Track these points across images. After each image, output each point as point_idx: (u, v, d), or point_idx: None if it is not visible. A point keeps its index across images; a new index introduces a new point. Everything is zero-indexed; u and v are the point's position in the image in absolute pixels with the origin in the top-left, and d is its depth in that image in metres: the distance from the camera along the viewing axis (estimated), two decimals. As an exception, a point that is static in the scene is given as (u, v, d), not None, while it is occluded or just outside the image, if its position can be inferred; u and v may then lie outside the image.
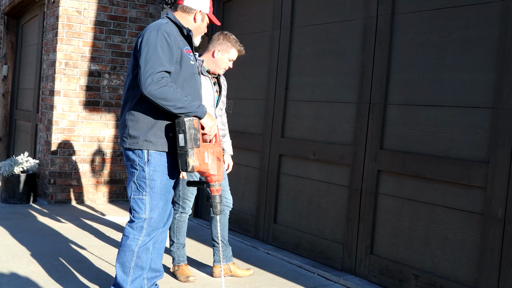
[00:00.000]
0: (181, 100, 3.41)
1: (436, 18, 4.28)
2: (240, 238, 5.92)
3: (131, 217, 3.61)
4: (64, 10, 7.31)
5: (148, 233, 3.59)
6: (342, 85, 5.02)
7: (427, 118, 4.30)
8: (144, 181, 3.54)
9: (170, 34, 3.47)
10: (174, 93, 3.38)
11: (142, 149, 3.51)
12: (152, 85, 3.31)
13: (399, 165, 4.45)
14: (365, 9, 4.82)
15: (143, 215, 3.56)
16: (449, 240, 4.10)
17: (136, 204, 3.57)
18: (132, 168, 3.58)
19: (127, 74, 3.66)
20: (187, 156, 3.45)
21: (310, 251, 5.25)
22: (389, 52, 4.58)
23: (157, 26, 3.49)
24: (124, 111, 3.59)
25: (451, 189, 4.09)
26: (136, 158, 3.53)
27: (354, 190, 4.81)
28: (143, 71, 3.34)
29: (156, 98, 3.34)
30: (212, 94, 4.52)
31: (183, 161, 3.46)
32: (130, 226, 3.59)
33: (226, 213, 4.72)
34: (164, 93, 3.34)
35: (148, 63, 3.35)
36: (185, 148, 3.44)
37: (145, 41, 3.42)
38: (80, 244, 5.44)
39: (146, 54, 3.37)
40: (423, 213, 4.29)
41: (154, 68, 3.34)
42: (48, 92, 7.53)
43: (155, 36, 3.41)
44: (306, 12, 5.49)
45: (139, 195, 3.56)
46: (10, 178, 7.14)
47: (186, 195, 4.59)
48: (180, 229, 4.62)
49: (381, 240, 4.61)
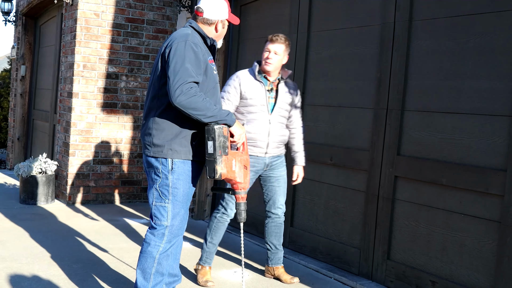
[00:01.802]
0: (211, 109, 3.46)
1: (453, 25, 4.28)
2: (257, 240, 5.96)
3: (153, 223, 3.64)
4: (82, 13, 7.39)
5: (169, 240, 3.64)
6: (359, 91, 5.04)
7: (444, 125, 4.31)
8: (167, 188, 3.57)
9: (197, 45, 3.52)
10: (204, 103, 3.42)
11: (166, 158, 3.55)
12: (182, 96, 3.35)
13: (416, 171, 4.47)
14: (382, 15, 4.83)
15: (165, 222, 3.60)
16: (466, 247, 4.12)
17: (158, 211, 3.61)
18: (154, 175, 3.61)
19: (150, 83, 3.69)
20: (215, 163, 3.49)
21: (326, 255, 5.28)
22: (407, 58, 4.60)
23: (184, 36, 3.52)
24: (148, 120, 3.62)
25: (468, 196, 4.11)
26: (160, 165, 3.57)
27: (371, 196, 4.84)
28: (172, 82, 3.37)
29: (187, 108, 3.38)
30: (264, 99, 4.55)
31: (211, 168, 3.50)
32: (151, 233, 3.63)
33: (275, 221, 4.78)
34: (194, 103, 3.38)
35: (177, 74, 3.38)
36: (214, 155, 3.48)
37: (173, 52, 3.45)
38: (99, 246, 5.51)
39: (175, 65, 3.41)
40: (440, 219, 4.31)
41: (184, 79, 3.37)
42: (66, 94, 7.61)
43: (183, 47, 3.45)
44: (323, 17, 5.51)
45: (162, 202, 3.60)
46: (28, 179, 7.22)
47: (229, 199, 4.65)
48: (217, 230, 4.68)
49: (398, 246, 4.63)
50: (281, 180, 4.74)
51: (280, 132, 4.64)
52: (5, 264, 4.81)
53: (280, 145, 4.69)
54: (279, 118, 4.63)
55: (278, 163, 4.72)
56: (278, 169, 4.72)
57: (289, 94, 4.68)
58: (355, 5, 5.16)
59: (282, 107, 4.63)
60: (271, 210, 4.76)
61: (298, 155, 4.81)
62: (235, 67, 6.78)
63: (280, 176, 4.74)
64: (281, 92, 4.63)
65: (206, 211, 7.00)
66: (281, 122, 4.66)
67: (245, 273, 4.94)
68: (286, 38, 4.62)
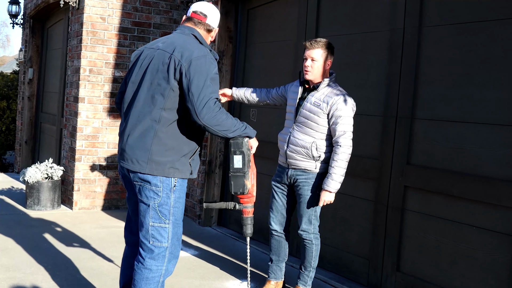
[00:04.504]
0: (234, 124, 3.38)
1: (462, 33, 4.18)
2: (264, 248, 5.87)
3: (151, 246, 3.41)
4: (88, 17, 7.32)
5: (169, 260, 3.48)
6: (367, 98, 4.94)
7: (454, 134, 4.21)
8: (168, 208, 3.41)
9: (214, 60, 3.43)
10: (228, 118, 3.34)
11: (168, 176, 3.38)
12: (209, 113, 3.24)
13: (425, 181, 4.37)
14: (391, 21, 4.73)
15: (165, 244, 3.43)
16: (477, 260, 4.02)
17: (157, 232, 3.41)
18: (151, 192, 3.38)
19: (148, 95, 3.40)
20: (244, 177, 3.43)
21: (334, 265, 5.19)
22: (416, 65, 4.49)
23: (202, 50, 3.38)
24: (146, 133, 3.36)
25: (479, 208, 4.01)
26: (160, 183, 3.37)
27: (380, 205, 4.74)
28: (197, 100, 3.23)
29: (212, 125, 3.28)
30: (294, 104, 4.42)
31: (240, 183, 3.43)
32: (151, 258, 3.42)
33: (305, 245, 4.43)
34: (218, 120, 3.29)
35: (202, 91, 3.25)
36: (243, 170, 3.43)
37: (194, 68, 3.29)
38: (104, 255, 5.44)
39: (198, 82, 3.27)
40: (450, 231, 4.20)
41: (208, 96, 3.26)
42: (72, 99, 7.56)
43: (204, 63, 3.32)
44: (331, 22, 5.42)
45: (161, 223, 3.41)
46: (34, 184, 7.17)
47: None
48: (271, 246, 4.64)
49: (407, 257, 4.53)
50: (302, 201, 4.35)
51: (301, 143, 4.30)
52: (8, 274, 4.75)
53: (304, 158, 4.31)
54: (302, 128, 4.32)
55: (302, 180, 4.33)
56: (302, 188, 4.33)
57: (319, 102, 4.27)
58: (363, 10, 5.06)
59: (305, 116, 4.30)
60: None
61: (327, 177, 4.25)
62: (242, 72, 6.70)
63: (302, 196, 4.35)
64: (309, 99, 4.31)
65: (213, 217, 6.92)
66: (305, 133, 4.30)
67: (252, 284, 4.85)
68: (325, 41, 4.34)
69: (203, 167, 6.81)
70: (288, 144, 4.39)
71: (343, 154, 4.17)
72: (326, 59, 4.33)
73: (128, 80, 3.57)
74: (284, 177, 4.46)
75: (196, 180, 6.92)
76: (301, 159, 4.33)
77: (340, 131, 4.18)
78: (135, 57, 3.60)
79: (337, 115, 4.20)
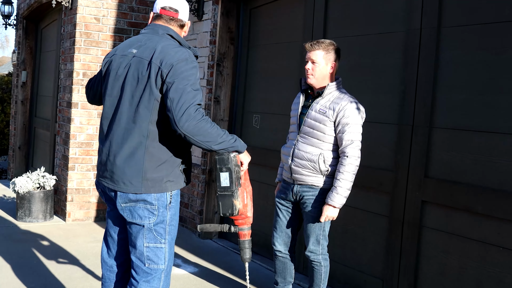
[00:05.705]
0: (219, 135, 2.99)
1: (488, 33, 3.80)
2: (268, 264, 5.50)
3: (146, 269, 3.11)
4: (81, 17, 6.95)
5: (164, 281, 3.18)
6: (380, 104, 4.56)
7: (479, 145, 3.83)
8: (164, 227, 3.10)
9: (197, 64, 3.07)
10: (212, 128, 2.95)
11: (165, 192, 3.06)
12: (188, 121, 2.87)
13: (446, 196, 3.99)
14: (407, 20, 4.36)
15: (162, 266, 3.12)
16: (505, 284, 3.64)
17: (154, 254, 3.10)
18: (147, 212, 3.06)
19: (131, 111, 3.03)
20: (233, 197, 3.06)
21: (344, 284, 4.81)
22: (435, 69, 4.12)
23: (183, 53, 3.02)
24: (136, 151, 3.01)
25: (507, 227, 3.63)
26: (155, 201, 3.05)
27: (395, 221, 4.36)
28: (176, 106, 2.87)
29: (193, 135, 2.90)
30: (296, 114, 4.06)
31: (229, 204, 3.07)
32: (146, 281, 3.10)
33: (313, 267, 4.05)
34: (201, 129, 2.90)
35: (182, 97, 2.89)
36: (231, 189, 3.06)
37: (174, 73, 2.94)
38: (97, 275, 5.07)
39: (177, 86, 2.91)
40: (474, 252, 3.83)
41: (189, 102, 2.89)
42: (65, 104, 7.18)
43: (185, 67, 2.97)
44: (340, 22, 5.04)
45: (157, 243, 3.10)
46: (25, 195, 6.79)
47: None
48: (276, 267, 4.28)
49: (425, 278, 4.16)
50: (309, 220, 3.99)
51: (307, 156, 3.93)
52: (-8, 297, 4.39)
53: (310, 173, 3.94)
54: (307, 139, 3.96)
55: (309, 197, 3.96)
56: (309, 205, 3.96)
57: (324, 109, 3.91)
58: (376, 9, 4.68)
59: (310, 125, 3.94)
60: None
61: (331, 190, 3.88)
62: (244, 75, 6.33)
63: (309, 214, 3.99)
64: (314, 107, 3.96)
65: (214, 229, 6.54)
66: (311, 144, 3.93)
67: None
68: (328, 42, 3.98)
69: (203, 176, 6.44)
70: (293, 158, 4.00)
71: (350, 165, 3.79)
72: (329, 61, 3.96)
73: (104, 93, 3.19)
74: (289, 193, 4.08)
75: (196, 190, 6.55)
76: (308, 173, 3.94)
77: (347, 140, 3.81)
78: (105, 66, 3.22)
79: (344, 123, 3.83)
